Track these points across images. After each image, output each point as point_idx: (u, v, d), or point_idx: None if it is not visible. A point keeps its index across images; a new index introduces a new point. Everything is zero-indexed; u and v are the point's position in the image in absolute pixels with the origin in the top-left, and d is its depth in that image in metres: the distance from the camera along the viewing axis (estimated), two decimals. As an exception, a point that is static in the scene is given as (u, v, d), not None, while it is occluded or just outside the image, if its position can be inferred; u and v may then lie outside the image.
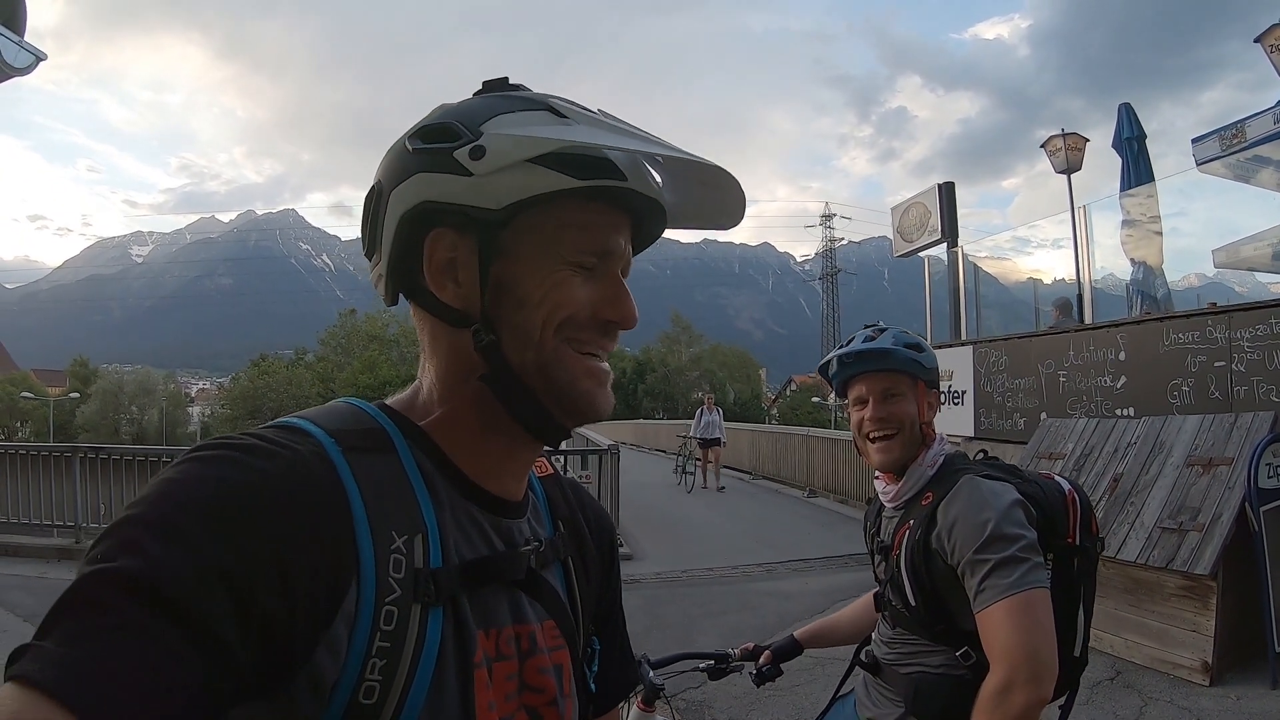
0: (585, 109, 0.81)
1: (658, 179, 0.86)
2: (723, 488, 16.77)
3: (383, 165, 0.81)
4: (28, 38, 6.15)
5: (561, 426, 0.82)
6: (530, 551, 0.85)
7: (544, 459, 1.00)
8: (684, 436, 18.54)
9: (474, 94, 0.84)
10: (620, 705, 1.09)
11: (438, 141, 0.77)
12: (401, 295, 0.84)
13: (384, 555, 0.71)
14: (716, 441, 17.16)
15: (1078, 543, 1.84)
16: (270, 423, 0.76)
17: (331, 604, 0.66)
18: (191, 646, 0.56)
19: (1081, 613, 1.84)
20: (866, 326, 2.03)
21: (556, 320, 0.78)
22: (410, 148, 0.78)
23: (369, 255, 0.84)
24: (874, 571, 2.08)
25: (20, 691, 0.52)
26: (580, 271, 0.80)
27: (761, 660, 2.38)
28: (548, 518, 0.95)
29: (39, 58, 6.28)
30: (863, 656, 2.10)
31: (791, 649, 2.37)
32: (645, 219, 0.86)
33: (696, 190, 0.88)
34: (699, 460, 17.56)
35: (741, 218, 0.89)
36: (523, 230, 0.78)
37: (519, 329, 0.78)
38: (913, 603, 1.85)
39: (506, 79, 0.85)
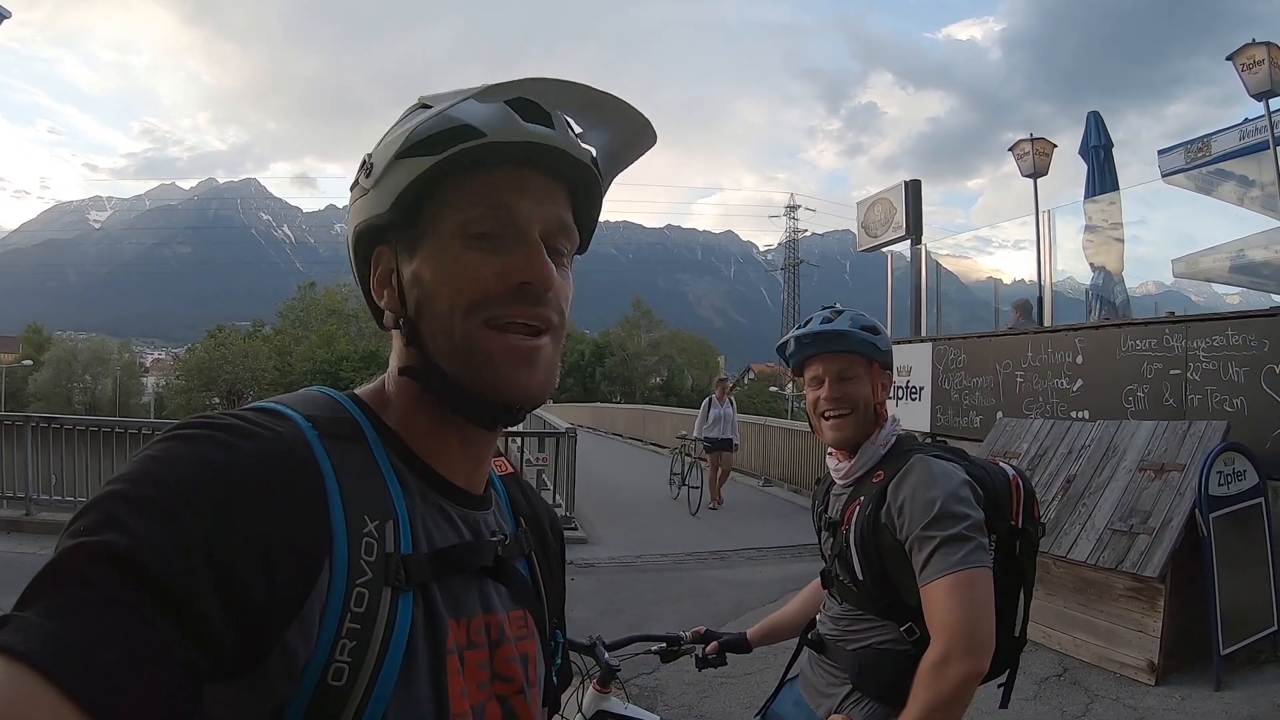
0: (463, 90, 0.81)
1: (572, 129, 0.84)
2: (715, 506, 12.69)
3: None
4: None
5: (495, 408, 0.82)
6: (498, 541, 0.87)
7: (503, 458, 1.02)
8: (684, 437, 13.78)
9: None
10: (573, 694, 1.12)
11: (359, 176, 0.83)
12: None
13: (356, 538, 0.71)
14: (728, 444, 12.73)
15: (1020, 526, 1.92)
16: (248, 405, 0.76)
17: (306, 583, 0.66)
18: (173, 623, 0.56)
19: (1022, 594, 1.92)
20: (824, 308, 2.09)
21: (464, 302, 0.78)
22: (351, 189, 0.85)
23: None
24: (820, 548, 2.13)
25: (2, 663, 0.50)
26: (479, 244, 0.79)
27: (709, 648, 2.43)
28: (509, 514, 0.97)
29: (3, 15, 6.13)
30: (809, 637, 2.14)
31: (740, 645, 2.42)
32: (570, 177, 0.85)
33: (612, 129, 0.89)
34: (704, 462, 12.98)
35: (653, 133, 0.89)
36: (427, 224, 0.80)
37: (433, 319, 0.80)
38: (860, 577, 1.90)
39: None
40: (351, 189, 0.85)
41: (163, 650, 0.54)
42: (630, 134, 0.89)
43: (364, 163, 0.82)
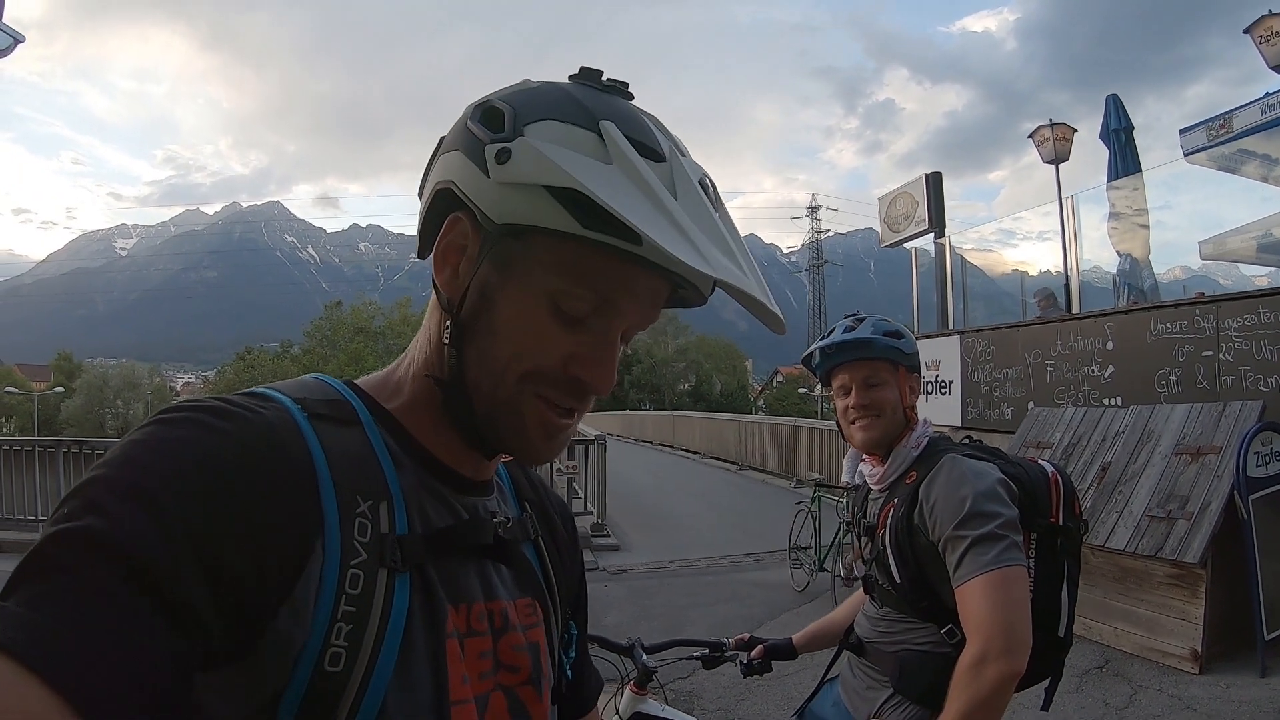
0: (650, 148, 0.71)
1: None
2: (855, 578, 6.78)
3: (457, 121, 0.76)
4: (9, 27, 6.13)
5: (503, 454, 0.81)
6: (498, 523, 0.83)
7: None
8: (821, 483, 8.73)
9: (568, 77, 0.77)
10: (612, 697, 1.08)
11: (484, 125, 0.71)
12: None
13: (349, 518, 0.69)
14: None
15: (1060, 523, 1.89)
16: (237, 391, 0.74)
17: (296, 566, 0.65)
18: (158, 609, 0.55)
19: (1065, 593, 1.88)
20: (847, 316, 2.10)
21: (522, 367, 0.73)
22: (467, 122, 0.73)
23: (420, 196, 0.81)
24: (860, 553, 2.13)
25: None
26: (563, 318, 0.73)
27: (754, 653, 2.42)
28: (513, 499, 0.93)
29: (16, 39, 6.25)
30: (850, 640, 2.13)
31: (786, 650, 2.41)
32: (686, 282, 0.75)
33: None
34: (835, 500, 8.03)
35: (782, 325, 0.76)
36: (529, 250, 0.72)
37: (484, 353, 0.75)
38: (898, 579, 1.90)
39: (600, 73, 0.77)
40: (467, 129, 0.72)
41: (147, 637, 0.53)
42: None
43: (502, 125, 0.70)
